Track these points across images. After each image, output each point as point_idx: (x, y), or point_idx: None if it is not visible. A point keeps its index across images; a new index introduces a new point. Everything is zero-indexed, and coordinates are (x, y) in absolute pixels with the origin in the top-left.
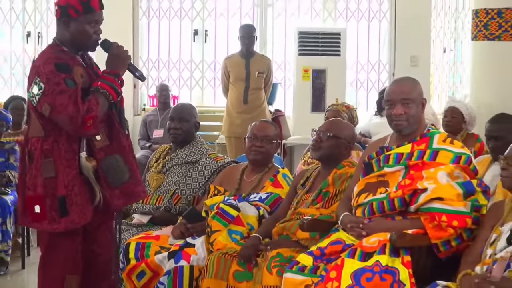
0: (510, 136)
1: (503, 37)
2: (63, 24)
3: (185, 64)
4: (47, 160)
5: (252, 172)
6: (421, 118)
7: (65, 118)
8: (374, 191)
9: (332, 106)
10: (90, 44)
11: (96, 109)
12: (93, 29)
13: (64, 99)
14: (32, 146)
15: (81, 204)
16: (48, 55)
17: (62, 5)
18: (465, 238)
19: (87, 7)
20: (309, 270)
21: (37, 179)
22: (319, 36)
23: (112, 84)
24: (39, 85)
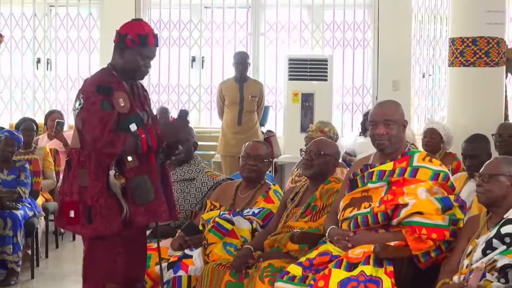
0: (484, 155)
1: (478, 64)
2: (119, 50)
3: (183, 89)
4: (82, 170)
5: (246, 188)
6: (403, 138)
7: (88, 137)
8: (359, 206)
9: (308, 133)
10: (137, 74)
11: (118, 148)
12: (143, 62)
13: (94, 119)
14: (71, 156)
15: (107, 215)
16: (96, 76)
17: (122, 33)
18: (443, 250)
19: (143, 40)
20: (298, 280)
21: (73, 186)
22: (308, 63)
23: (150, 139)
24: (80, 101)
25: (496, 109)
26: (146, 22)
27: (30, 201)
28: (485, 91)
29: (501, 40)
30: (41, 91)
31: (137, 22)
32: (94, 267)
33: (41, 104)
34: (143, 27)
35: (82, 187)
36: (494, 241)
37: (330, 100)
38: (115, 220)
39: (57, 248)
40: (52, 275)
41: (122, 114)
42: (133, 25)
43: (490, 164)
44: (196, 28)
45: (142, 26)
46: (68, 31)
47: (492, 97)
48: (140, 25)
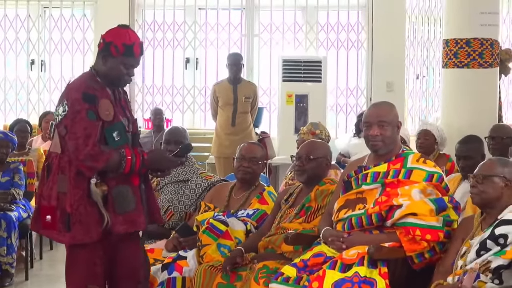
0: (478, 156)
1: (472, 65)
2: (102, 58)
3: (177, 90)
4: (62, 176)
5: (240, 190)
6: (397, 139)
7: (72, 145)
8: (353, 207)
9: (299, 136)
10: (120, 82)
11: (100, 163)
12: (126, 71)
13: (79, 129)
14: (51, 161)
15: (86, 223)
16: (81, 82)
17: (107, 40)
18: (437, 251)
19: (128, 50)
20: (293, 281)
21: (52, 191)
22: (302, 64)
23: (135, 162)
24: (64, 108)
25: (489, 110)
26: (133, 31)
27: (24, 203)
28: (478, 93)
29: (494, 41)
30: (35, 92)
31: (124, 30)
32: (74, 270)
33: (35, 105)
34: (129, 36)
35: (60, 193)
36: (488, 242)
37: (324, 102)
38: (94, 229)
39: (51, 250)
40: (46, 277)
41: (106, 122)
42: (120, 33)
43: (484, 165)
44: (190, 30)
45: (129, 35)
46: (62, 33)
47: (485, 99)
48: (126, 33)
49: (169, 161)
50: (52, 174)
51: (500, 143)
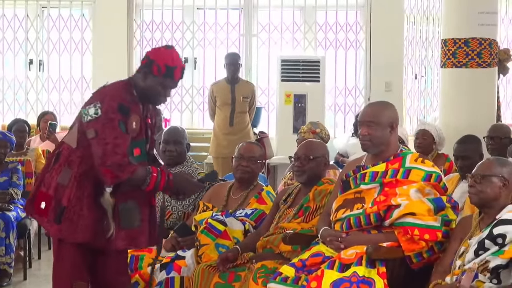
0: (476, 156)
1: (470, 65)
2: (143, 73)
3: (176, 90)
4: (67, 169)
5: (238, 189)
6: (390, 140)
7: (99, 151)
8: (351, 207)
9: (300, 135)
10: (155, 102)
11: (124, 174)
12: (164, 91)
13: (110, 136)
14: (62, 151)
15: (76, 223)
16: (118, 91)
17: (151, 58)
18: (436, 250)
19: (169, 72)
20: (291, 281)
21: (52, 180)
22: (300, 64)
23: (159, 181)
24: (97, 110)
25: (488, 110)
26: (177, 53)
27: (22, 203)
28: (477, 92)
29: (493, 41)
30: (34, 92)
31: (169, 50)
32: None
33: (33, 105)
34: (172, 58)
35: (60, 185)
36: (487, 242)
37: (322, 101)
38: (81, 232)
39: (49, 249)
40: (44, 276)
41: (131, 137)
42: (164, 53)
43: (483, 165)
44: (188, 29)
45: (172, 57)
46: (60, 32)
47: (484, 98)
48: (171, 55)
49: (194, 185)
50: (58, 164)
51: (499, 143)
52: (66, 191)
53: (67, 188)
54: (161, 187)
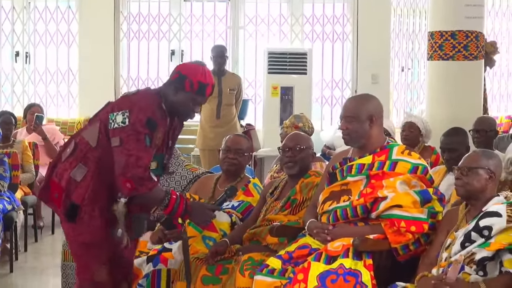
0: (462, 148)
1: (457, 57)
2: (174, 89)
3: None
4: (83, 166)
5: (225, 181)
6: (371, 134)
7: (122, 161)
8: (338, 199)
9: (283, 129)
10: (185, 117)
11: (143, 188)
12: (194, 107)
13: (134, 148)
14: (80, 144)
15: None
16: (149, 102)
17: (183, 74)
18: (422, 243)
19: (202, 89)
20: (278, 273)
21: (65, 172)
22: (287, 56)
23: (178, 204)
24: (124, 120)
25: (474, 103)
26: (209, 70)
27: (8, 195)
28: (463, 85)
29: (480, 33)
30: (20, 84)
31: (201, 67)
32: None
33: (19, 97)
34: (205, 76)
35: (72, 179)
36: (473, 234)
37: (309, 94)
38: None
39: (36, 242)
40: (31, 269)
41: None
42: (197, 69)
43: (469, 157)
44: (175, 22)
45: (205, 75)
46: (46, 24)
47: (471, 91)
48: (204, 72)
49: (209, 215)
50: (73, 157)
51: (484, 136)
52: (78, 189)
53: (79, 185)
54: (179, 213)
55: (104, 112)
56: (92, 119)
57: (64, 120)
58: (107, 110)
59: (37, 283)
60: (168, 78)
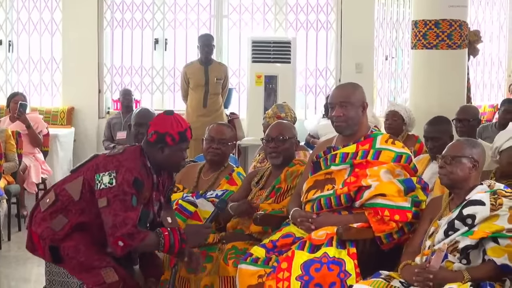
0: (446, 137)
1: (440, 46)
2: (159, 149)
3: (146, 71)
4: (62, 217)
5: (209, 170)
6: (362, 121)
7: (109, 221)
8: (322, 188)
9: (265, 120)
10: (178, 169)
11: (135, 242)
12: (182, 156)
13: (121, 208)
14: (62, 196)
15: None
16: (135, 164)
17: (161, 132)
18: (406, 231)
19: (182, 137)
20: (262, 262)
21: (43, 222)
22: (271, 45)
23: (173, 242)
24: (111, 180)
25: (458, 92)
26: (178, 114)
27: None
28: (447, 74)
29: (463, 22)
30: (3, 73)
31: (172, 116)
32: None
33: (2, 86)
34: (180, 124)
35: (50, 228)
36: (456, 223)
37: (293, 83)
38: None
39: (19, 231)
40: (15, 258)
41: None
42: (171, 121)
43: (453, 146)
44: (159, 10)
45: (180, 122)
46: (30, 13)
47: (454, 80)
48: (177, 120)
49: (204, 234)
50: (53, 208)
51: (467, 125)
52: (56, 235)
53: (56, 233)
54: (176, 246)
55: (89, 168)
56: (75, 172)
57: (48, 108)
58: (92, 167)
59: (20, 272)
60: (146, 139)
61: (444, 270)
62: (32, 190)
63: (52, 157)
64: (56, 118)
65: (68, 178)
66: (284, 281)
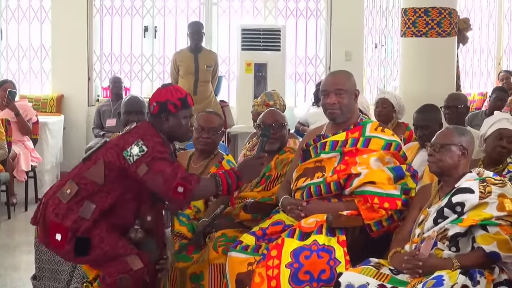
0: (435, 125)
1: (430, 34)
2: (164, 118)
3: (136, 58)
4: (89, 203)
5: (199, 158)
6: (355, 108)
7: (159, 178)
8: (312, 176)
9: (254, 108)
10: (185, 137)
11: (193, 184)
12: (188, 123)
13: (165, 164)
14: (84, 184)
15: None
16: (153, 131)
17: (162, 101)
18: (395, 219)
19: (184, 103)
20: (251, 249)
21: (71, 212)
22: (261, 33)
23: (229, 179)
24: (141, 148)
25: (447, 79)
26: (177, 85)
27: None
28: (437, 62)
29: (453, 10)
30: None
31: (170, 87)
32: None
33: None
34: (179, 91)
35: (80, 217)
36: (446, 210)
37: (283, 70)
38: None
39: (9, 219)
40: (4, 246)
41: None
42: (169, 91)
43: (442, 134)
44: None
45: (178, 90)
46: (19, 0)
47: (444, 68)
48: (176, 89)
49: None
50: (79, 197)
51: (456, 112)
52: (86, 223)
53: (87, 221)
54: (233, 183)
55: (107, 150)
56: (89, 159)
57: (37, 96)
58: (111, 148)
59: (10, 260)
60: (149, 113)
61: (434, 258)
62: (21, 178)
63: (41, 145)
64: (46, 105)
65: (83, 166)
66: (274, 268)
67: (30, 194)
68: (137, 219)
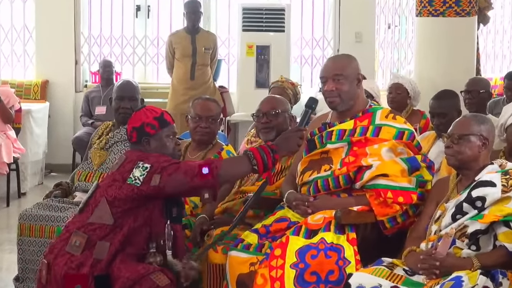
0: (453, 112)
1: (447, 13)
2: (145, 144)
3: (127, 40)
4: (103, 243)
5: (196, 149)
6: (358, 94)
7: (179, 174)
8: (319, 169)
9: (277, 83)
10: (173, 158)
11: (217, 163)
12: (171, 143)
13: (176, 165)
14: (92, 231)
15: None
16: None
17: (137, 126)
18: (411, 214)
19: (162, 121)
20: (254, 248)
21: (87, 260)
22: (263, 12)
23: (263, 153)
24: (144, 166)
25: (467, 63)
26: (149, 106)
27: None
28: (455, 43)
29: None
30: None
31: (142, 110)
32: None
33: None
34: (154, 110)
35: (95, 260)
36: (465, 205)
37: (287, 53)
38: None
39: None
40: None
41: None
42: (143, 112)
43: (459, 123)
44: None
45: (152, 110)
46: None
47: (462, 50)
48: (149, 109)
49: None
50: (91, 245)
51: (477, 97)
52: (102, 263)
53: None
54: (268, 157)
55: (104, 190)
56: (86, 206)
57: (20, 82)
58: (109, 186)
59: None
60: (131, 144)
61: (452, 257)
62: (3, 170)
63: (25, 135)
64: (29, 92)
65: (82, 216)
66: (277, 269)
67: (12, 188)
68: (151, 243)
